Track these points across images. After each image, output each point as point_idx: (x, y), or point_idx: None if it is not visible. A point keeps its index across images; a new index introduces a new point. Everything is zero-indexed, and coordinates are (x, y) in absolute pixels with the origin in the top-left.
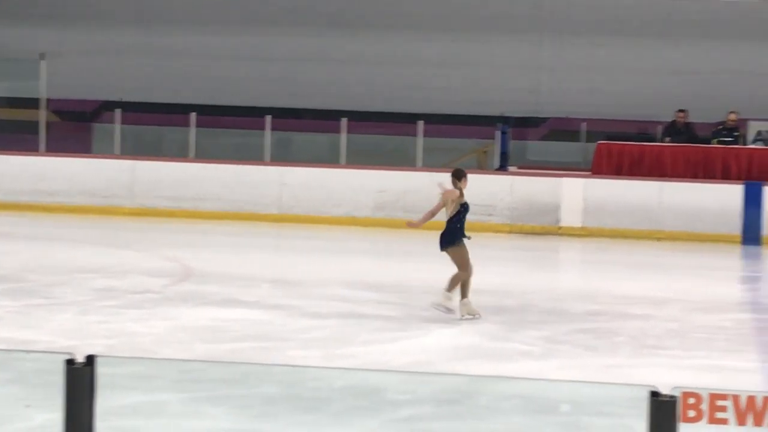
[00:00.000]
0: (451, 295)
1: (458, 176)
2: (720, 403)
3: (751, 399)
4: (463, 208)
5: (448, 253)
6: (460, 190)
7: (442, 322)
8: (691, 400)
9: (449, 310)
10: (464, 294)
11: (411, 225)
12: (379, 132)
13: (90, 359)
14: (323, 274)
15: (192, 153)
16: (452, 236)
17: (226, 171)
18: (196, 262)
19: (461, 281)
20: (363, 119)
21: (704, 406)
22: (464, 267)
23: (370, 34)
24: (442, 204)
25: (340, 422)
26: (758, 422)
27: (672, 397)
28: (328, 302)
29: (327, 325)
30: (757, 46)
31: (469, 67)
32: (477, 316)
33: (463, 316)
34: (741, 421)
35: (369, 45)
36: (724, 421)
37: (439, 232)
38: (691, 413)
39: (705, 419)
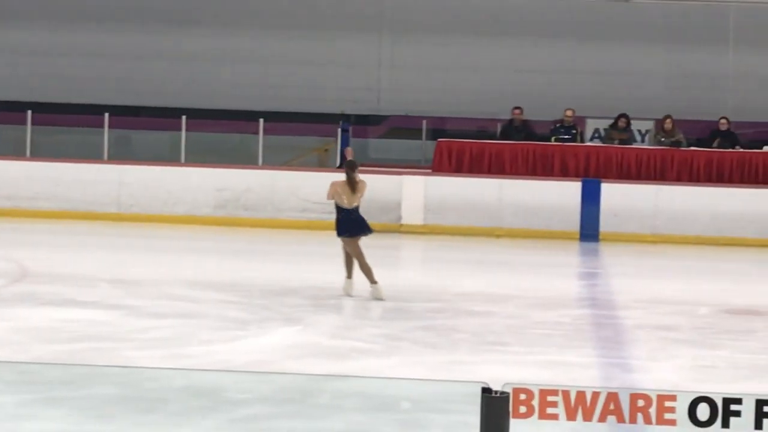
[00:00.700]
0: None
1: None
2: (551, 398)
3: (580, 394)
4: None
5: (357, 240)
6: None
7: (282, 321)
8: (523, 396)
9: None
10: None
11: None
12: (219, 130)
13: None
14: (163, 274)
15: (28, 151)
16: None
17: (64, 169)
18: (32, 262)
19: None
20: (203, 117)
21: (535, 402)
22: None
23: (209, 31)
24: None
25: (179, 422)
26: (587, 417)
27: (503, 393)
28: (168, 302)
29: (166, 325)
30: (593, 45)
31: (309, 65)
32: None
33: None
34: (571, 416)
35: (208, 42)
36: (554, 417)
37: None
38: (523, 409)
39: (536, 415)
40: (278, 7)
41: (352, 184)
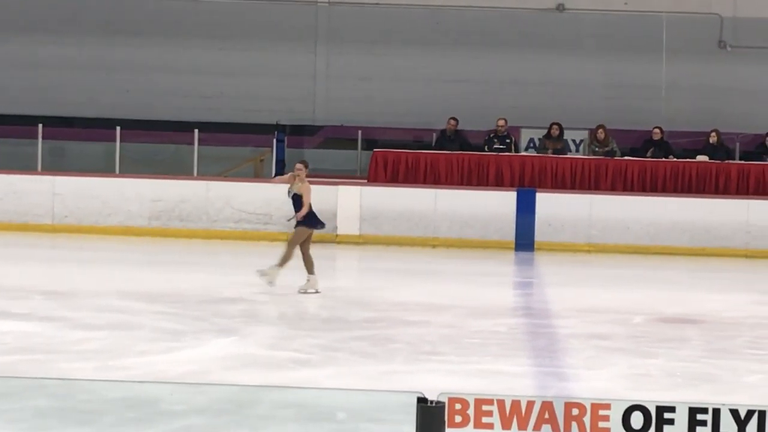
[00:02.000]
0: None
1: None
2: (486, 408)
3: (515, 403)
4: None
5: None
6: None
7: (217, 332)
8: (458, 406)
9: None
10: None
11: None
12: (154, 141)
13: None
14: (97, 285)
15: None
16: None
17: None
18: None
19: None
20: (137, 127)
21: (470, 411)
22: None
23: (143, 41)
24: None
25: None
26: (522, 426)
27: (439, 402)
28: (102, 313)
29: (101, 337)
30: (527, 55)
31: (244, 75)
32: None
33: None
34: (506, 426)
35: (142, 52)
36: (489, 426)
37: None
38: (458, 418)
39: (471, 424)
40: (213, 17)
41: None
